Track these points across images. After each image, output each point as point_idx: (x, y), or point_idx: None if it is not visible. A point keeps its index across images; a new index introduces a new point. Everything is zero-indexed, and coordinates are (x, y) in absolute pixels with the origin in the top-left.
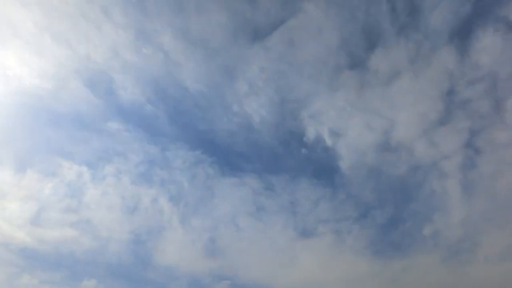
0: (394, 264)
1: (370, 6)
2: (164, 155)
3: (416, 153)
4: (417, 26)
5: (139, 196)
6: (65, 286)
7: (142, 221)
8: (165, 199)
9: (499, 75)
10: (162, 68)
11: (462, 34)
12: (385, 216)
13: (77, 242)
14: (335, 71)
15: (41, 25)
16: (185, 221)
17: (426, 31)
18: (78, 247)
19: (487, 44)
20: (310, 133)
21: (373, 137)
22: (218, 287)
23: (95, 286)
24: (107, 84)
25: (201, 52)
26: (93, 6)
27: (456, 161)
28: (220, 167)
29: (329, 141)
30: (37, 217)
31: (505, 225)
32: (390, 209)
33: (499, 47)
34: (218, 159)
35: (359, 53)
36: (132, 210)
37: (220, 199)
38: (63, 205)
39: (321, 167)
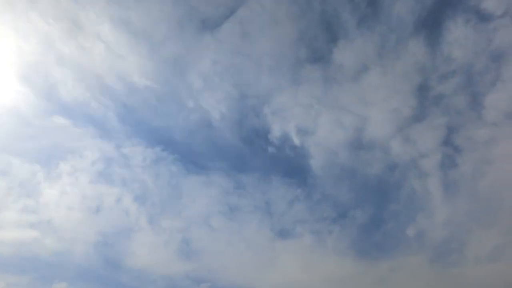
0: (380, 265)
1: None
2: (120, 153)
3: (392, 152)
4: (379, 17)
5: (101, 195)
6: None
7: (108, 222)
8: (129, 198)
9: (473, 69)
10: (104, 62)
11: (431, 25)
12: (365, 216)
13: (40, 243)
14: (296, 65)
15: None
16: (154, 222)
17: (390, 22)
18: (42, 249)
19: (459, 35)
20: (276, 130)
21: (345, 135)
22: None
23: None
24: (44, 79)
25: (145, 44)
26: None
27: (435, 159)
28: (183, 164)
29: (296, 140)
30: None
31: (491, 225)
32: (370, 209)
33: (472, 39)
34: (181, 157)
35: (320, 46)
36: (96, 211)
37: (189, 199)
38: (20, 205)
39: (292, 166)
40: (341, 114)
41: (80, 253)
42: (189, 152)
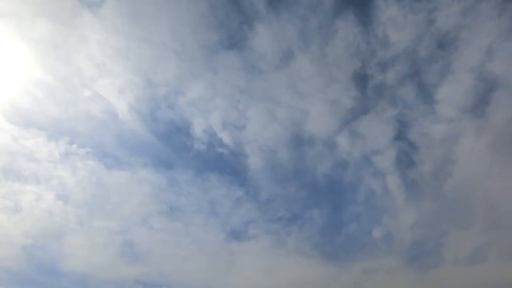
0: (353, 267)
1: None
2: (21, 145)
3: (340, 148)
4: None
5: (15, 194)
6: None
7: (33, 223)
8: (50, 197)
9: (418, 56)
10: None
11: (358, 3)
12: (324, 217)
13: None
14: (209, 51)
15: None
16: (84, 223)
17: (309, 1)
18: None
19: (392, 15)
20: (197, 124)
21: (281, 130)
22: None
23: None
24: None
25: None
26: None
27: (390, 157)
28: (99, 159)
29: (224, 135)
30: None
31: (467, 226)
32: (327, 210)
33: (409, 20)
34: (94, 151)
35: (233, 30)
36: (15, 211)
37: (119, 197)
38: None
39: (228, 164)
40: (272, 106)
41: (8, 256)
42: (101, 145)
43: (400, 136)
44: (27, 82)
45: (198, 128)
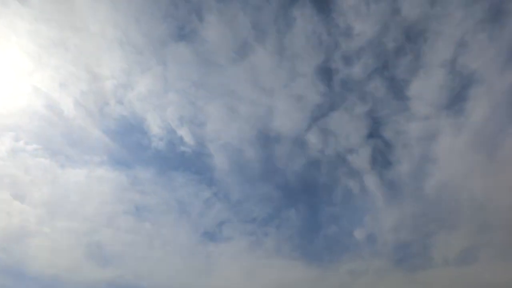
0: (339, 268)
1: None
2: None
3: (311, 146)
4: None
5: None
6: None
7: None
8: (6, 196)
9: (385, 49)
10: None
11: None
12: (301, 218)
13: None
14: (156, 42)
15: None
16: (46, 224)
17: None
18: None
19: (353, 3)
20: (151, 120)
21: (246, 127)
22: None
23: None
24: None
25: None
26: None
27: (365, 155)
28: (51, 157)
29: (182, 131)
30: None
31: (454, 227)
32: (303, 210)
33: (372, 9)
34: (43, 148)
35: (181, 21)
36: None
37: (79, 196)
38: None
39: (193, 163)
40: (233, 102)
41: None
42: (49, 143)
43: (374, 133)
44: None
45: (153, 124)
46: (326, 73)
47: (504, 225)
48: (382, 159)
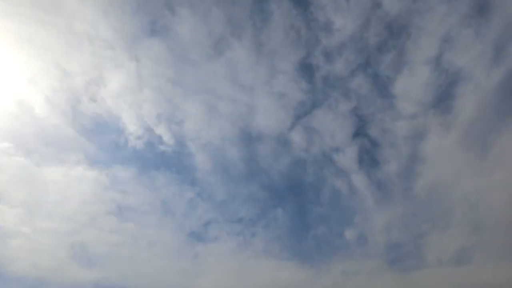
0: (331, 269)
1: None
2: None
3: (295, 145)
4: None
5: None
6: None
7: None
8: None
9: (367, 45)
10: None
11: None
12: (289, 217)
13: None
14: (127, 38)
15: None
16: (26, 224)
17: None
18: None
19: None
20: (127, 118)
21: (226, 126)
22: None
23: None
24: None
25: None
26: None
27: (351, 154)
28: (26, 155)
29: (160, 130)
30: None
31: (447, 227)
32: (291, 210)
33: (354, 3)
34: (16, 146)
35: (153, 15)
36: None
37: (59, 196)
38: None
39: (174, 162)
40: (212, 100)
41: None
42: (22, 141)
43: (360, 132)
44: None
45: (129, 122)
46: (307, 69)
47: (497, 225)
48: (369, 158)
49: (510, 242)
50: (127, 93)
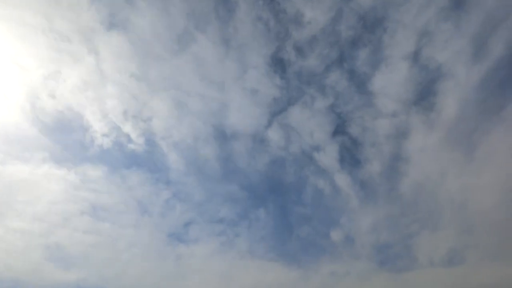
0: (320, 270)
1: None
2: None
3: (272, 143)
4: None
5: None
6: None
7: None
8: None
9: (340, 38)
10: None
11: None
12: (272, 217)
13: None
14: (85, 31)
15: None
16: None
17: None
18: None
19: None
20: (90, 115)
21: (198, 124)
22: None
23: None
24: None
25: None
26: None
27: (332, 153)
28: None
29: (128, 127)
30: None
31: (437, 227)
32: (274, 210)
33: None
34: None
35: (110, 7)
36: None
37: (28, 195)
38: None
39: (145, 161)
40: (182, 97)
41: None
42: None
43: (339, 130)
44: None
45: (93, 120)
46: (279, 64)
47: (489, 226)
48: (351, 157)
49: (502, 243)
50: (89, 88)
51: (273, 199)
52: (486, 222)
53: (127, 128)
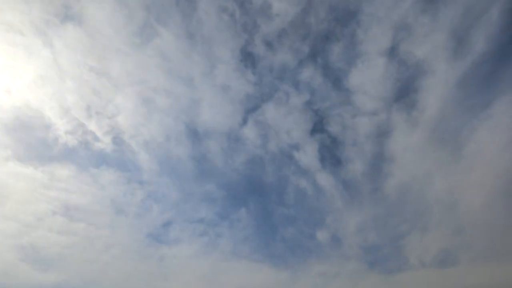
0: (309, 270)
1: None
2: None
3: (249, 142)
4: None
5: None
6: None
7: None
8: None
9: (312, 31)
10: None
11: None
12: (254, 217)
13: None
14: (38, 23)
15: None
16: None
17: None
18: None
19: None
20: (51, 112)
21: (168, 121)
22: None
23: None
24: None
25: None
26: None
27: (312, 152)
28: None
29: (93, 125)
30: None
31: (427, 228)
32: (254, 210)
33: None
34: None
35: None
36: None
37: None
38: None
39: (115, 159)
40: (148, 93)
41: None
42: None
43: (318, 128)
44: None
45: (54, 116)
46: (249, 58)
47: (480, 226)
48: (331, 157)
49: (493, 243)
50: (46, 84)
51: (254, 199)
52: (476, 222)
53: (92, 125)
